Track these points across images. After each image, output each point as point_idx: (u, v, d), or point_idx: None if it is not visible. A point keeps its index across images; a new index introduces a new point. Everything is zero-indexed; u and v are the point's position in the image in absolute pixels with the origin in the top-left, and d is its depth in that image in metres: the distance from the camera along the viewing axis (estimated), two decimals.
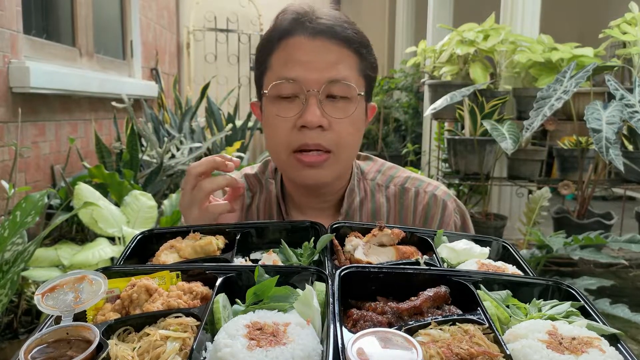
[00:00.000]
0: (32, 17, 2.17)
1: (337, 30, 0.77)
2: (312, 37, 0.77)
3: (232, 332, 0.45)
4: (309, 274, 0.56)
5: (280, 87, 0.77)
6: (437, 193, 0.89)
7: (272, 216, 0.89)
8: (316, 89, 0.75)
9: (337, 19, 0.79)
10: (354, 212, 0.87)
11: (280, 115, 0.78)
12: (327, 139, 0.77)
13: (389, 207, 0.88)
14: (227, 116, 3.46)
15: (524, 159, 2.82)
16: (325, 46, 0.76)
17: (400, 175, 0.91)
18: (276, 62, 0.79)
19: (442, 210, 0.88)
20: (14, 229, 1.36)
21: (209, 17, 4.91)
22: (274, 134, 0.80)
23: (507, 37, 2.68)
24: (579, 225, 2.56)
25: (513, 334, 0.49)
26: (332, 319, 0.46)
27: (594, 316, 0.52)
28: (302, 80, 0.76)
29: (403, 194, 0.89)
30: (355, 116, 0.79)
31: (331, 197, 0.88)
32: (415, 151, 4.67)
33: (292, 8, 0.81)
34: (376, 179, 0.91)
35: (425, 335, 0.48)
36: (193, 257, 0.63)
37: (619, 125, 1.91)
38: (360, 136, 0.84)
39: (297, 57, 0.76)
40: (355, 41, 0.78)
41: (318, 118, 0.75)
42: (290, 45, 0.77)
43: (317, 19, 0.78)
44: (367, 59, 0.81)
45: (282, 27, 0.79)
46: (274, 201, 0.89)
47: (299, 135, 0.77)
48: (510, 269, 0.65)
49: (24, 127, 2.00)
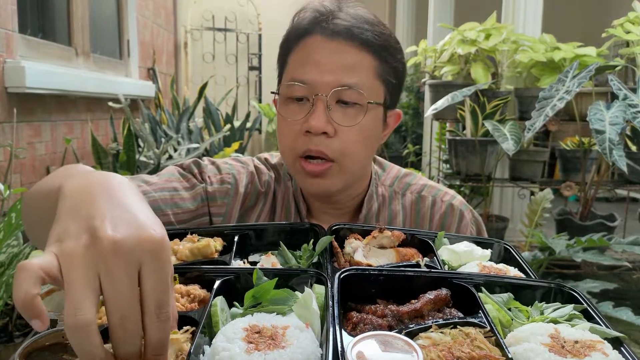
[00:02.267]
0: (27, 16, 2.14)
1: (355, 32, 0.74)
2: (329, 38, 0.74)
3: (230, 335, 0.44)
4: (308, 277, 0.56)
5: (291, 89, 0.76)
6: (454, 203, 0.88)
7: (290, 213, 0.86)
8: (325, 94, 0.73)
9: (359, 19, 0.75)
10: (371, 218, 0.86)
11: (288, 118, 0.76)
12: (331, 147, 0.74)
13: (404, 215, 0.87)
14: (225, 117, 3.45)
15: (526, 160, 2.80)
16: (341, 48, 0.74)
17: (417, 183, 0.90)
18: (292, 62, 0.77)
19: (459, 220, 0.87)
20: (9, 231, 1.35)
21: (206, 16, 4.88)
22: (281, 137, 0.79)
23: (508, 37, 2.67)
24: (582, 227, 2.54)
25: (515, 338, 0.49)
26: (332, 322, 0.46)
27: (596, 319, 0.52)
28: (312, 83, 0.74)
29: (419, 202, 0.87)
30: (364, 124, 0.75)
31: (348, 203, 0.86)
32: (416, 152, 4.66)
33: (312, 6, 0.78)
34: (393, 186, 0.89)
35: (426, 339, 0.47)
36: (190, 260, 0.63)
37: (622, 126, 1.90)
38: (370, 145, 0.80)
39: (312, 58, 0.74)
40: (375, 44, 0.75)
41: (322, 124, 0.73)
42: (308, 45, 0.76)
43: (336, 19, 0.75)
44: (389, 63, 0.77)
45: (301, 26, 0.77)
46: (291, 200, 0.86)
47: (304, 140, 0.75)
48: (512, 272, 0.64)
49: (19, 127, 1.99)
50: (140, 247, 0.36)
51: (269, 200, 0.86)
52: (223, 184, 0.83)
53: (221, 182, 0.83)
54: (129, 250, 0.35)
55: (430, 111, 2.61)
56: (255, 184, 0.86)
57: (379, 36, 0.76)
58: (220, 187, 0.83)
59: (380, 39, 0.76)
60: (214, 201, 0.82)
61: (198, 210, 0.81)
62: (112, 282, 0.34)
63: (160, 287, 0.36)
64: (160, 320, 0.36)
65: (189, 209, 0.80)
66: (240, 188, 0.84)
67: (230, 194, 0.83)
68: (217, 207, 0.82)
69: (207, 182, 0.83)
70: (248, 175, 0.86)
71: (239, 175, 0.85)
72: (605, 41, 2.60)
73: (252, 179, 0.86)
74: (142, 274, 0.36)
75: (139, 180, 0.79)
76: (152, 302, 0.36)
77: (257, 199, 0.86)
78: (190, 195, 0.81)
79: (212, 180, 0.83)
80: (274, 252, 0.65)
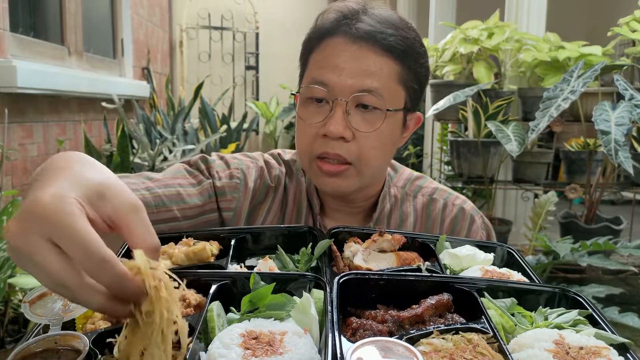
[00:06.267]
0: (19, 15, 2.13)
1: (378, 38, 0.73)
2: (351, 41, 0.74)
3: (226, 341, 0.44)
4: (306, 281, 0.55)
5: (311, 90, 0.76)
6: (465, 207, 0.89)
7: (301, 209, 0.87)
8: (344, 99, 0.73)
9: (383, 23, 0.74)
10: (383, 219, 0.86)
11: (307, 120, 0.77)
12: (349, 151, 0.75)
13: (415, 217, 0.88)
14: (222, 117, 3.44)
15: (529, 161, 2.79)
16: (363, 53, 0.73)
17: (429, 186, 0.91)
18: (313, 62, 0.77)
19: (469, 224, 0.88)
20: (1, 234, 1.35)
21: (202, 15, 4.86)
22: (299, 137, 0.80)
23: (512, 35, 2.66)
24: (587, 231, 2.52)
25: (518, 344, 0.48)
26: (331, 327, 0.46)
27: (602, 325, 0.51)
28: (332, 86, 0.73)
29: (431, 205, 0.88)
30: (383, 130, 0.75)
31: (362, 203, 0.86)
32: (417, 154, 4.64)
33: (336, 6, 0.78)
34: (405, 188, 0.90)
35: (427, 345, 0.47)
36: (186, 264, 0.62)
37: (628, 127, 1.88)
38: (388, 149, 0.80)
39: (333, 61, 0.74)
40: (397, 50, 0.74)
41: (340, 129, 0.73)
42: (329, 47, 0.75)
43: (360, 22, 0.74)
44: (412, 68, 0.76)
45: (325, 26, 0.77)
46: (303, 196, 0.86)
47: (322, 142, 0.75)
48: (516, 276, 0.64)
49: (10, 128, 1.97)
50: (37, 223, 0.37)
51: (279, 195, 0.86)
52: (232, 179, 0.83)
53: (230, 177, 0.83)
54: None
55: (431, 112, 2.59)
56: (264, 178, 0.86)
57: (403, 41, 0.75)
58: (229, 182, 0.83)
59: (403, 44, 0.75)
60: (223, 196, 0.82)
61: (205, 206, 0.81)
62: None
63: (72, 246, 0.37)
64: (95, 264, 0.36)
65: (195, 205, 0.79)
66: (249, 183, 0.84)
67: (239, 189, 0.83)
68: (226, 202, 0.82)
69: (215, 177, 0.83)
70: (257, 170, 0.86)
71: (248, 170, 0.85)
72: (611, 40, 2.58)
73: (261, 174, 0.86)
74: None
75: (143, 177, 0.79)
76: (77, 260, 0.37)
77: (267, 193, 0.86)
78: (197, 191, 0.80)
79: (220, 175, 0.83)
80: (272, 256, 0.65)
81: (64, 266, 0.36)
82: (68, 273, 0.36)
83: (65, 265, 0.36)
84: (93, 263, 0.36)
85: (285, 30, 5.15)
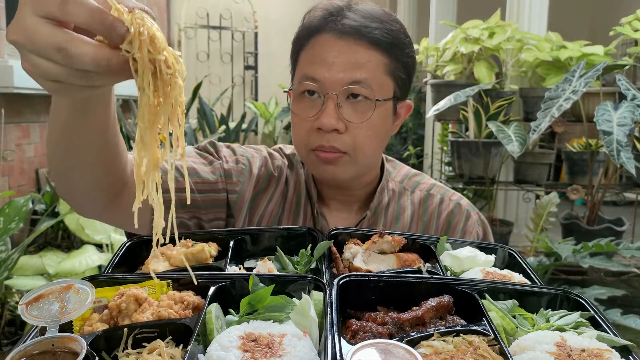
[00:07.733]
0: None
1: (364, 32, 0.76)
2: (338, 37, 0.77)
3: (225, 343, 0.44)
4: (306, 283, 0.55)
5: (303, 86, 0.79)
6: (461, 202, 0.91)
7: (301, 199, 0.89)
8: (335, 92, 0.76)
9: (368, 18, 0.78)
10: (380, 210, 0.88)
11: (301, 115, 0.80)
12: (343, 142, 0.78)
13: (413, 211, 0.90)
14: (220, 117, 3.44)
15: (531, 162, 2.78)
16: (350, 47, 0.76)
17: (426, 182, 0.94)
18: (303, 59, 0.80)
19: (465, 219, 0.90)
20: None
21: (201, 14, 4.84)
22: (294, 131, 0.83)
23: (513, 35, 2.65)
24: (589, 232, 2.51)
25: (520, 346, 0.48)
26: (330, 329, 0.45)
27: (604, 327, 0.51)
28: (322, 81, 0.76)
29: (428, 200, 0.91)
30: (374, 120, 0.78)
31: (358, 192, 0.89)
32: (417, 154, 4.62)
33: (322, 5, 0.81)
34: (403, 182, 0.93)
35: (428, 347, 0.47)
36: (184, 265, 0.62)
37: (630, 127, 1.87)
38: (381, 138, 0.83)
39: (322, 57, 0.77)
40: (383, 42, 0.77)
41: (333, 122, 0.76)
42: (318, 44, 0.78)
43: (345, 18, 0.77)
44: (399, 59, 0.79)
45: (312, 24, 0.80)
46: (302, 187, 0.90)
47: (316, 136, 0.79)
48: (517, 278, 0.64)
49: (7, 128, 1.97)
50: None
51: (281, 185, 0.90)
52: (238, 164, 0.87)
53: (236, 162, 0.87)
54: None
55: (432, 112, 2.59)
56: (268, 167, 0.90)
57: (388, 33, 0.78)
58: (235, 166, 0.87)
59: (389, 37, 0.78)
60: (229, 178, 0.86)
61: (217, 184, 0.84)
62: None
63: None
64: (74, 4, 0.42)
65: (209, 180, 0.83)
66: (254, 169, 0.88)
67: (244, 174, 0.87)
68: (232, 185, 0.86)
69: (224, 160, 0.87)
70: (261, 159, 0.90)
71: (253, 159, 0.89)
72: (613, 40, 2.57)
73: (265, 163, 0.90)
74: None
75: None
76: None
77: (269, 182, 0.90)
78: (210, 169, 0.84)
79: (227, 159, 0.87)
80: (271, 258, 0.65)
81: (53, 30, 0.42)
82: (57, 32, 0.42)
83: (54, 28, 0.42)
84: (71, 4, 0.41)
85: (284, 30, 5.14)
